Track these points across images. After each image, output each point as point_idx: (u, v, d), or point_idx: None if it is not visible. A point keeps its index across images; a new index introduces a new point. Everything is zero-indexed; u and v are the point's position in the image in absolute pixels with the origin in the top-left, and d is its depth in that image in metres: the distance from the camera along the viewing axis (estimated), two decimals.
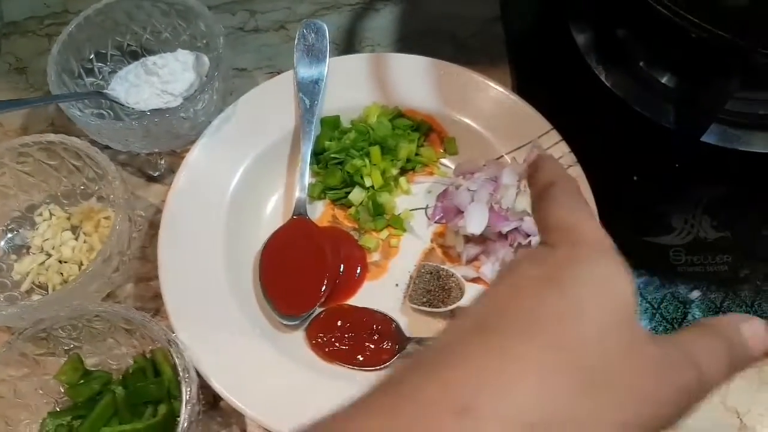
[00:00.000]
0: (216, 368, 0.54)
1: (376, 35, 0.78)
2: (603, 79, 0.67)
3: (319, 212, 0.67)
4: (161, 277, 0.58)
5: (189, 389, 0.50)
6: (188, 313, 0.57)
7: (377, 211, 0.65)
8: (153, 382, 0.55)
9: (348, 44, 0.77)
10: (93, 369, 0.57)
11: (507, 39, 0.77)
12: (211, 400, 0.58)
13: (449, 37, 0.77)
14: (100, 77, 0.69)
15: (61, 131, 0.71)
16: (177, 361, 0.51)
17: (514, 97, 0.66)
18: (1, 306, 0.57)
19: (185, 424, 0.49)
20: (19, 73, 0.77)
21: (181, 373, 0.50)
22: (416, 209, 0.66)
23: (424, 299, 0.60)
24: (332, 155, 0.66)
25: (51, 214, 0.64)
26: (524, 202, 0.60)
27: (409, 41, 0.77)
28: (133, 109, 0.64)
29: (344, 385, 0.55)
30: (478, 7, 0.79)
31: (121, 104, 0.64)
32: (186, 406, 0.49)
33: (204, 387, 0.54)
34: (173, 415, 0.53)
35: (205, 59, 0.67)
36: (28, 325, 0.52)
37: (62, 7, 0.81)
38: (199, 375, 0.53)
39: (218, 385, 0.54)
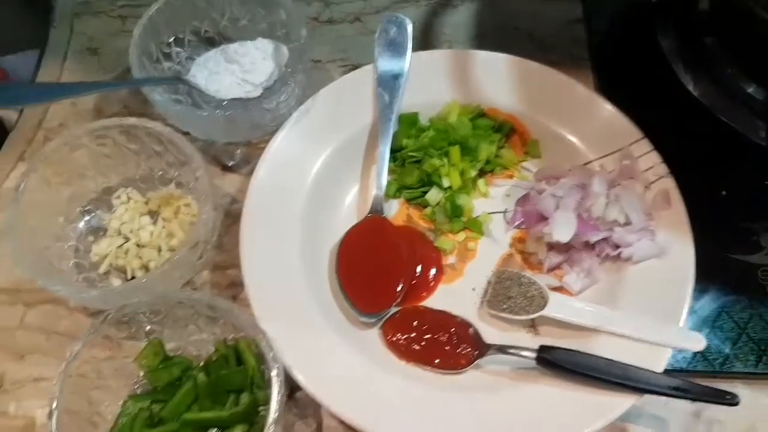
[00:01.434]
0: (295, 358, 0.54)
1: (453, 31, 0.76)
2: (690, 88, 0.64)
3: (394, 211, 0.66)
4: (243, 267, 0.57)
5: (280, 379, 0.49)
6: (268, 302, 0.56)
7: (455, 212, 0.63)
8: (237, 371, 0.54)
9: (424, 40, 0.76)
10: (173, 354, 0.57)
11: (589, 41, 0.75)
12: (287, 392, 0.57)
13: (527, 36, 0.76)
14: (177, 62, 0.68)
15: (135, 114, 0.71)
16: (266, 351, 0.50)
17: (603, 101, 0.64)
18: (84, 289, 0.57)
19: (275, 414, 0.48)
20: (92, 54, 0.77)
21: (270, 363, 0.50)
22: (495, 213, 0.65)
23: (504, 306, 0.58)
24: (410, 153, 0.65)
25: (128, 198, 0.64)
26: (615, 212, 0.59)
27: (486, 39, 0.76)
28: (212, 96, 0.64)
29: (416, 384, 0.55)
30: (558, 6, 0.77)
31: (200, 91, 0.64)
32: (277, 396, 0.49)
33: None
34: (256, 405, 0.53)
35: (285, 49, 0.66)
36: (113, 308, 0.52)
37: None
38: None
39: (299, 376, 0.53)
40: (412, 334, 0.58)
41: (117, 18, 0.79)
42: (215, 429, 0.53)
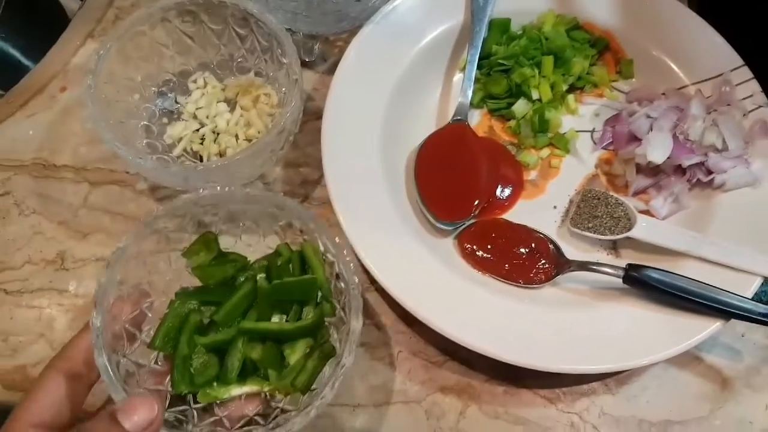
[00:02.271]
0: (371, 254, 0.53)
1: None
2: None
3: (476, 121, 0.64)
4: (324, 156, 0.56)
5: (359, 298, 0.45)
6: (346, 195, 0.55)
7: (542, 127, 0.61)
8: (304, 281, 0.48)
9: None
10: (226, 251, 0.51)
11: None
12: None
13: None
14: None
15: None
16: (346, 270, 0.46)
17: (705, 24, 0.61)
18: (164, 164, 0.55)
19: (356, 339, 0.44)
20: None
21: (351, 284, 0.45)
22: (582, 131, 0.62)
23: (590, 224, 0.57)
24: (499, 61, 0.63)
25: (206, 83, 0.62)
26: (713, 136, 0.56)
27: None
28: None
29: (490, 293, 0.54)
30: None
31: None
32: (357, 317, 0.44)
33: None
34: (322, 318, 0.48)
35: None
36: (182, 194, 0.47)
37: None
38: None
39: (376, 270, 0.52)
40: (489, 246, 0.57)
41: None
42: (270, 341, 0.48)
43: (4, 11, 0.64)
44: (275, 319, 0.49)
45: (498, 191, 0.60)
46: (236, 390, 0.47)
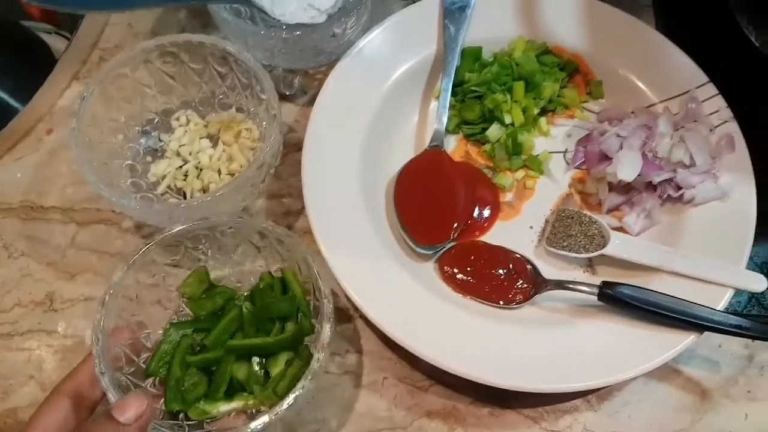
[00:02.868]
0: (352, 281, 0.54)
1: None
2: (753, 38, 0.63)
3: (453, 146, 0.65)
4: (305, 190, 0.57)
5: (330, 304, 0.49)
6: (327, 225, 0.56)
7: (515, 150, 0.63)
8: (284, 299, 0.53)
9: None
10: (217, 284, 0.56)
11: None
12: None
13: None
14: None
15: None
16: (317, 277, 0.50)
17: (670, 44, 0.63)
18: (147, 203, 0.56)
19: (327, 340, 0.48)
20: None
21: (323, 288, 0.49)
22: (555, 152, 0.64)
23: (564, 243, 0.58)
24: (472, 88, 0.64)
25: (188, 120, 0.63)
26: (680, 153, 0.58)
27: None
28: (276, 20, 0.62)
29: (470, 315, 0.55)
30: None
31: (265, 14, 0.62)
32: (327, 323, 0.48)
33: None
34: (302, 333, 0.52)
35: None
36: (165, 230, 0.51)
37: None
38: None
39: (356, 297, 0.54)
40: (469, 268, 0.58)
41: None
42: (259, 358, 0.52)
43: None
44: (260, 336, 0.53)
45: (476, 213, 0.62)
46: (224, 406, 0.51)
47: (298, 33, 0.58)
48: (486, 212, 0.62)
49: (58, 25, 0.78)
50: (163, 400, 0.50)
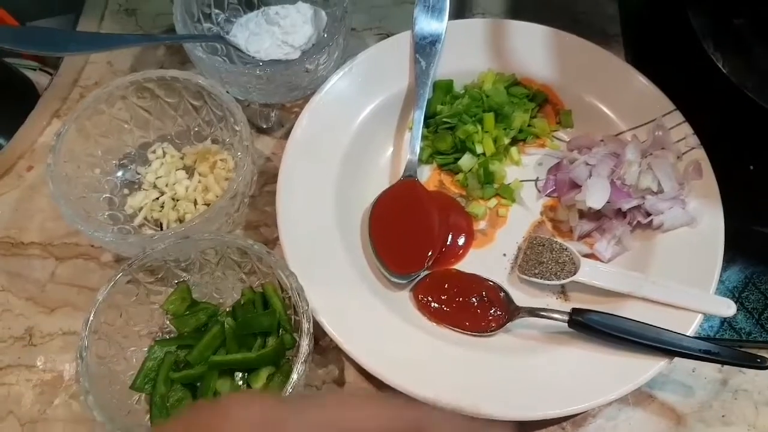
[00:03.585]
0: (325, 308, 0.55)
1: (486, 3, 0.77)
2: (720, 65, 0.64)
3: (426, 176, 0.66)
4: (279, 221, 0.58)
5: (309, 319, 0.50)
6: (302, 256, 0.57)
7: (487, 179, 0.64)
8: (265, 314, 0.55)
9: (459, 10, 0.76)
10: (199, 300, 0.57)
11: (621, 18, 0.76)
12: None
13: (562, 11, 0.76)
14: (217, 23, 0.69)
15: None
16: (296, 292, 0.51)
17: (636, 73, 0.65)
18: (123, 235, 0.57)
19: (305, 354, 0.49)
20: (129, 14, 0.77)
21: (300, 304, 0.51)
22: (526, 180, 0.65)
23: (536, 271, 0.59)
24: (444, 119, 0.66)
25: (164, 153, 0.65)
26: (648, 180, 0.59)
27: (520, 13, 0.76)
28: (251, 57, 0.64)
29: (445, 343, 0.55)
30: None
31: (240, 51, 0.64)
32: (306, 336, 0.49)
33: None
34: (283, 348, 0.53)
35: (323, 14, 0.67)
36: (142, 252, 0.52)
37: None
38: None
39: (328, 325, 0.54)
40: (443, 297, 0.59)
41: None
42: (241, 373, 0.54)
43: None
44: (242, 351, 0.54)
45: (450, 242, 0.62)
46: None
47: (270, 70, 0.60)
48: (460, 240, 0.63)
49: (43, 62, 0.80)
50: (148, 417, 0.52)
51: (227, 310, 0.57)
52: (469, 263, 0.62)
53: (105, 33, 0.51)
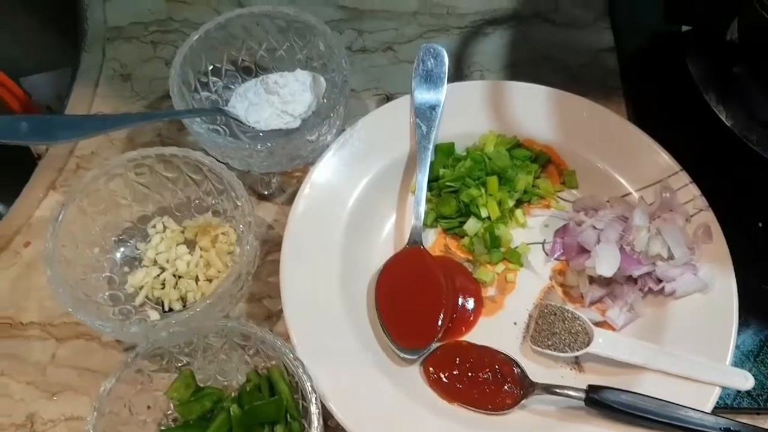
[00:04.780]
0: (332, 391, 0.54)
1: (484, 60, 0.77)
2: (723, 117, 0.64)
3: (431, 240, 0.65)
4: (284, 300, 0.57)
5: (318, 409, 0.49)
6: (307, 335, 0.56)
7: (494, 243, 0.63)
8: (271, 402, 0.53)
9: (456, 68, 0.76)
10: (203, 386, 0.56)
11: (621, 70, 0.75)
12: None
13: (560, 66, 0.76)
14: (214, 91, 0.68)
15: (168, 143, 0.71)
16: (303, 379, 0.50)
17: (640, 133, 0.64)
18: (126, 324, 0.56)
19: None
20: (124, 79, 0.77)
21: (309, 396, 0.50)
22: (533, 243, 0.64)
23: (549, 342, 0.58)
24: (447, 183, 0.65)
25: (165, 227, 0.63)
26: (657, 246, 0.58)
27: (518, 68, 0.76)
28: (251, 127, 0.63)
29: (460, 426, 0.54)
30: (590, 36, 0.77)
31: (240, 122, 0.63)
32: (316, 429, 0.48)
33: None
34: None
35: (322, 80, 0.66)
36: (146, 344, 0.51)
37: (166, 15, 0.80)
38: None
39: (335, 409, 0.53)
40: (455, 372, 0.57)
41: (149, 44, 0.78)
42: None
43: None
44: None
45: (459, 311, 0.61)
46: None
47: (272, 144, 0.59)
48: (470, 309, 0.62)
49: None
50: None
51: (233, 395, 0.56)
52: (479, 333, 0.60)
53: (100, 115, 0.50)
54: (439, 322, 0.58)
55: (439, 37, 0.78)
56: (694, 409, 0.51)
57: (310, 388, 0.50)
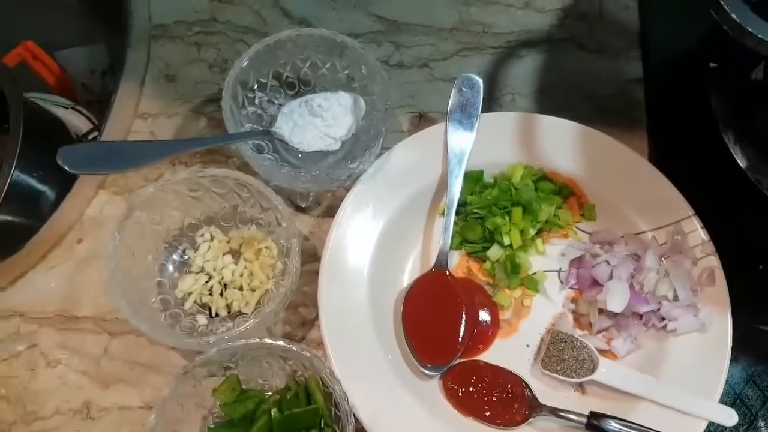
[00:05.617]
0: (361, 401, 0.60)
1: (516, 83, 0.79)
2: (738, 159, 0.68)
3: (455, 262, 0.71)
4: (321, 319, 0.63)
5: (351, 420, 0.56)
6: (341, 347, 0.63)
7: (514, 270, 0.68)
8: (309, 411, 0.60)
9: (488, 89, 0.78)
10: (245, 387, 0.62)
11: (647, 103, 0.78)
12: None
13: (588, 95, 0.78)
14: (259, 105, 0.71)
15: (214, 152, 0.75)
16: (339, 396, 0.57)
17: (659, 175, 0.68)
18: (185, 337, 0.62)
19: None
20: (169, 80, 0.79)
21: (344, 408, 0.56)
22: (549, 271, 0.70)
23: (558, 367, 0.64)
24: (474, 210, 0.70)
25: (212, 237, 0.68)
26: (665, 288, 0.64)
27: (548, 95, 0.79)
28: (296, 148, 0.67)
29: None
30: (620, 65, 0.80)
31: (285, 143, 0.67)
32: None
33: None
34: None
35: (362, 102, 0.69)
36: (201, 358, 0.58)
37: (209, 15, 0.82)
38: None
39: (364, 417, 0.60)
40: (470, 388, 0.64)
41: (193, 45, 0.80)
42: None
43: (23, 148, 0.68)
44: None
45: (477, 331, 0.67)
46: None
47: (316, 172, 0.63)
48: (487, 330, 0.68)
49: (75, 101, 0.83)
50: None
51: (273, 398, 0.62)
52: (495, 352, 0.67)
53: (159, 141, 0.54)
54: (460, 342, 0.65)
55: (474, 56, 0.80)
56: None
57: (347, 408, 0.56)
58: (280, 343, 0.58)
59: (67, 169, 0.48)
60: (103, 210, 0.73)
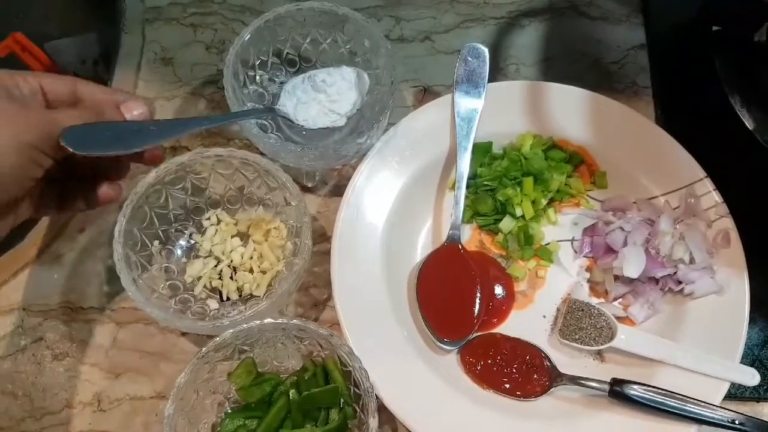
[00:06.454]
0: (380, 378, 0.58)
1: (519, 53, 0.78)
2: (745, 121, 0.67)
3: (467, 236, 0.70)
4: (335, 297, 0.62)
5: (373, 399, 0.54)
6: (357, 326, 0.62)
7: (527, 241, 0.67)
8: (328, 390, 0.58)
9: (493, 60, 0.77)
10: (261, 370, 0.61)
11: (651, 69, 0.78)
12: None
13: (593, 62, 0.78)
14: (261, 84, 0.70)
15: (215, 134, 0.73)
16: (362, 378, 0.55)
17: (670, 139, 0.67)
18: (196, 321, 0.60)
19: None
20: (165, 63, 0.78)
21: (365, 386, 0.55)
22: (563, 240, 0.69)
23: (576, 336, 0.63)
24: (484, 182, 0.68)
25: (219, 219, 0.67)
26: (680, 251, 0.63)
27: (553, 63, 0.78)
28: (300, 126, 0.66)
29: (493, 410, 0.60)
30: (623, 32, 0.79)
31: (289, 120, 0.66)
32: (372, 416, 0.54)
33: None
34: (345, 421, 0.58)
35: (366, 77, 0.67)
36: (214, 342, 0.56)
37: None
38: None
39: (383, 394, 0.59)
40: (489, 361, 0.63)
41: (189, 27, 0.79)
42: None
43: None
44: (308, 426, 0.59)
45: (492, 304, 0.66)
46: None
47: (323, 147, 0.62)
48: (503, 302, 0.67)
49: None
50: None
51: (290, 380, 0.61)
52: (511, 324, 0.66)
53: (162, 120, 0.52)
54: (476, 316, 0.64)
55: (476, 28, 0.79)
56: (706, 403, 0.57)
57: (367, 386, 0.55)
58: (296, 321, 0.57)
59: (71, 150, 0.46)
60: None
